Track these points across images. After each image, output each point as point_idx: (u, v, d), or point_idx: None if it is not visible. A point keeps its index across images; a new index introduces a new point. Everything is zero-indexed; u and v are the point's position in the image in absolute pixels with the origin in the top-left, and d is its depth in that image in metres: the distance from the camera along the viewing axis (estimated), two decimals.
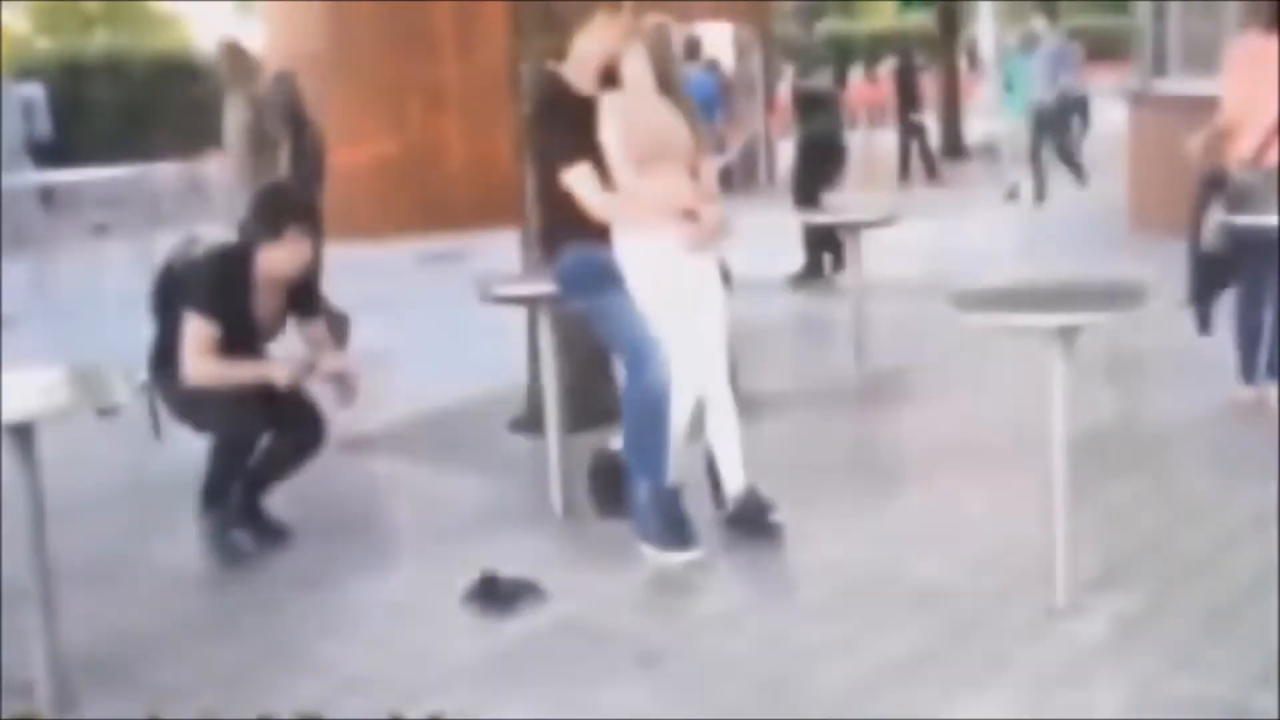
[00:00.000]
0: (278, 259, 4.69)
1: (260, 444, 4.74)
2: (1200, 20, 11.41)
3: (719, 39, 21.20)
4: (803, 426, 6.12)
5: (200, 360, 4.57)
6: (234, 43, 8.35)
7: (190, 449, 4.84)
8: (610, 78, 4.62)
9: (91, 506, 5.42)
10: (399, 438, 5.67)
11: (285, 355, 4.79)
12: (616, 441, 4.82)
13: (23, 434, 3.56)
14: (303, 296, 4.88)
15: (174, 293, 4.75)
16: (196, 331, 4.58)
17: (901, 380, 6.75)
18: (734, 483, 4.72)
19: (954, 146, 20.42)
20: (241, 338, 4.66)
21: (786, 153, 20.45)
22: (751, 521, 4.68)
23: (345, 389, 4.81)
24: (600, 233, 4.57)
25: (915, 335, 7.55)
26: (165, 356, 4.71)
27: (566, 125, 4.59)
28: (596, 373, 5.52)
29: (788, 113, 20.92)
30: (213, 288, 4.65)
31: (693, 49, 14.94)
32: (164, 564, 4.82)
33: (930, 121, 19.21)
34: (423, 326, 9.16)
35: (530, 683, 3.68)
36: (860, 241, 6.59)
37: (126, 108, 23.05)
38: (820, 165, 10.38)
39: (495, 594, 4.17)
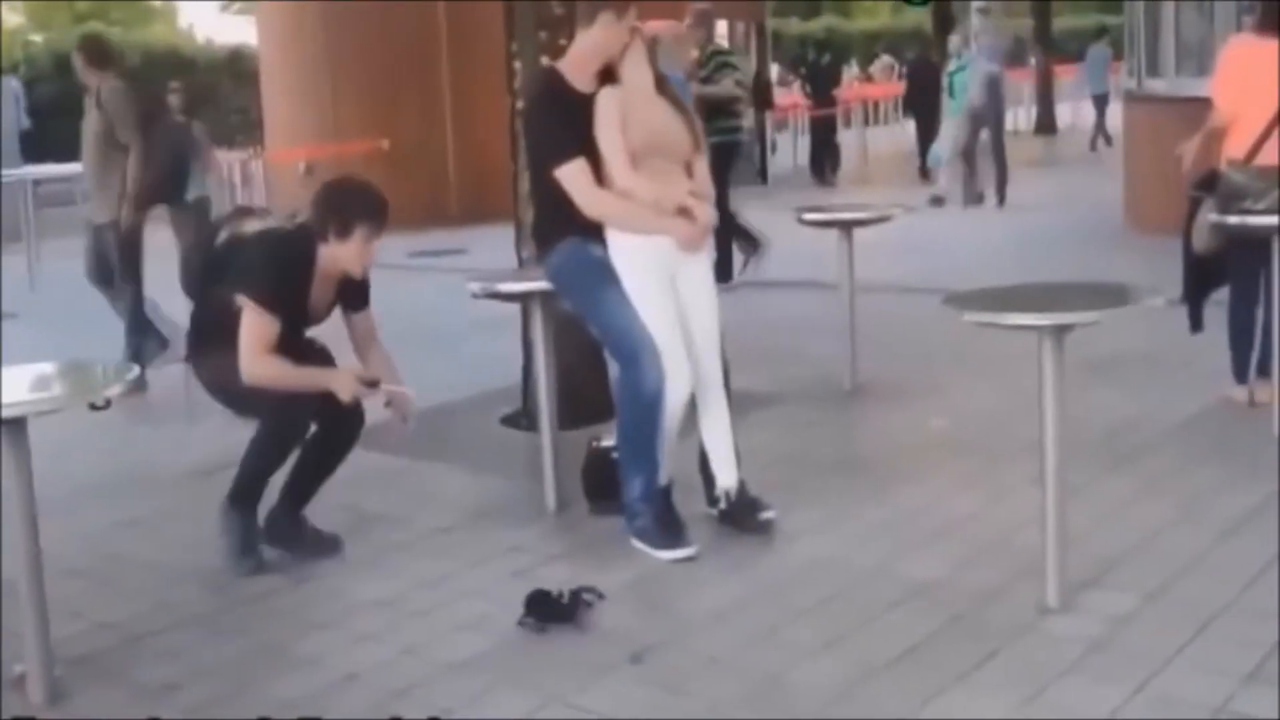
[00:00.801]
0: (343, 256, 4.50)
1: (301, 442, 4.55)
2: (1193, 20, 11.44)
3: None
4: (794, 424, 6.12)
5: (261, 360, 4.34)
6: (92, 40, 8.18)
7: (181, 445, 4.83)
8: (607, 77, 4.61)
9: (85, 499, 5.43)
10: (393, 432, 5.65)
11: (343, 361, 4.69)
12: (610, 438, 4.83)
13: (15, 429, 3.56)
14: (356, 291, 4.71)
15: (218, 274, 4.55)
16: (258, 327, 4.35)
17: (893, 378, 6.75)
18: (726, 480, 4.73)
19: None
20: (290, 327, 4.48)
21: (784, 149, 20.60)
22: (743, 519, 4.69)
23: (400, 415, 4.70)
24: (594, 229, 4.57)
25: (907, 333, 7.56)
26: (206, 338, 4.55)
27: (562, 121, 4.57)
28: (590, 369, 5.52)
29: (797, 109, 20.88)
30: (275, 280, 4.44)
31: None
32: (157, 558, 4.82)
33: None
34: (417, 322, 9.15)
35: (522, 678, 3.68)
36: (852, 239, 6.59)
37: None
38: (722, 172, 10.27)
39: (551, 609, 4.02)
